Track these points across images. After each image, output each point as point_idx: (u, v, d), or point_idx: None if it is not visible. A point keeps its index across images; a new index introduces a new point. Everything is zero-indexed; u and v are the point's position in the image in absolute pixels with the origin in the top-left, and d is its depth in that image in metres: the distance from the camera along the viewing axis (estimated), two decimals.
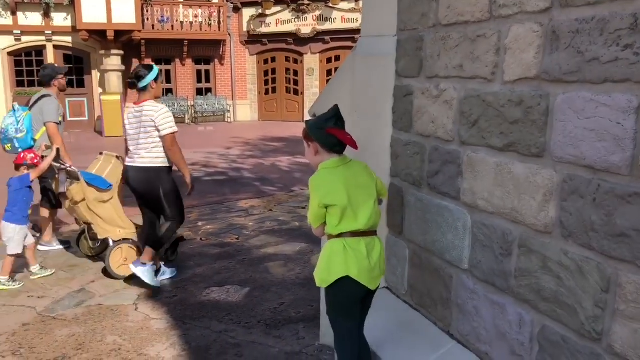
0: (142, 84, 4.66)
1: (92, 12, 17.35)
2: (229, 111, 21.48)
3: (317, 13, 20.41)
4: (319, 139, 2.66)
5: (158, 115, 4.60)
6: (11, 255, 4.88)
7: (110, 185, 5.11)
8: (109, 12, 17.53)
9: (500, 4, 2.42)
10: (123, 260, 5.05)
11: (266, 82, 22.09)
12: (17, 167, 5.01)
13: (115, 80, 18.38)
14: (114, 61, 18.36)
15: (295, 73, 21.55)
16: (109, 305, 4.51)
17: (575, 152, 2.06)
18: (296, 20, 20.67)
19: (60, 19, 18.11)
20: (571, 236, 2.10)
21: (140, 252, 4.99)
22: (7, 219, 4.89)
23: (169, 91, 20.76)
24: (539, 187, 2.25)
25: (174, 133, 4.69)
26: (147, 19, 19.11)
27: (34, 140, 5.52)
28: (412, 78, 3.17)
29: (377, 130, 3.42)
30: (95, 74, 19.05)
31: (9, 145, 5.49)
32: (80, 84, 19.10)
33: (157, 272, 4.93)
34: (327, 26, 20.36)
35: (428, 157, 3.04)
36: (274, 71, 21.93)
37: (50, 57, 18.39)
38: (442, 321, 2.97)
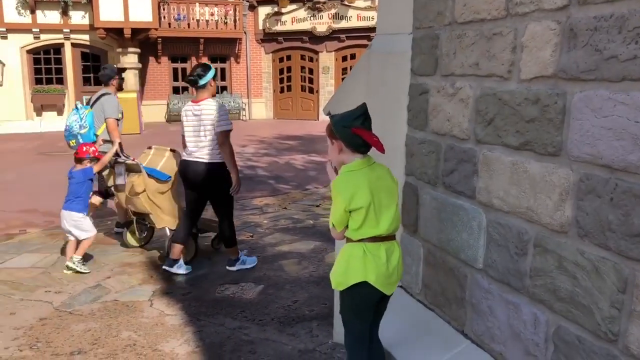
0: (202, 82, 4.84)
1: (110, 11, 17.51)
2: (244, 109, 21.55)
3: (333, 11, 20.39)
4: (343, 138, 2.56)
5: (217, 112, 4.84)
6: (93, 236, 5.27)
7: (169, 177, 5.37)
8: (126, 10, 17.68)
9: (516, 2, 2.40)
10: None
11: (281, 81, 22.12)
12: (80, 161, 5.26)
13: (131, 78, 18.54)
14: (130, 59, 18.52)
15: (311, 71, 21.55)
16: (124, 301, 4.55)
17: (592, 151, 2.04)
18: (312, 18, 20.67)
19: (78, 17, 18.31)
20: (587, 236, 2.08)
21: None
22: (71, 208, 5.16)
23: (185, 89, 20.87)
24: (555, 186, 2.23)
25: (228, 131, 4.86)
26: (164, 17, 19.24)
27: (96, 136, 5.89)
28: (427, 76, 3.16)
29: (392, 128, 3.41)
30: None
31: (73, 141, 5.87)
32: (98, 81, 19.22)
33: (236, 261, 5.21)
34: (343, 24, 20.33)
35: (443, 156, 3.03)
36: (289, 69, 21.96)
37: (68, 55, 18.61)
38: (456, 320, 2.96)
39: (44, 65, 18.55)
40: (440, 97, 3.03)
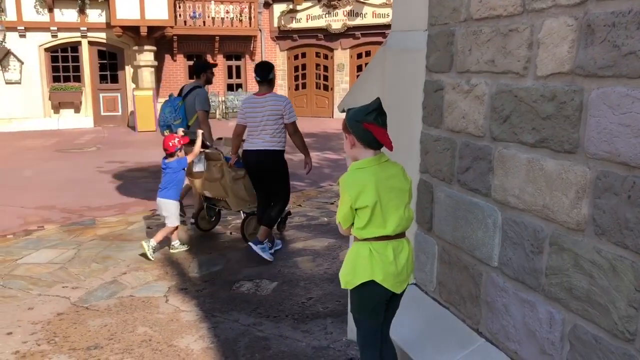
0: (269, 77, 5.38)
1: (126, 9, 17.62)
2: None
3: (348, 8, 20.33)
4: (355, 133, 2.54)
5: (285, 105, 5.32)
6: (174, 227, 5.68)
7: (242, 165, 5.68)
8: (142, 8, 17.78)
9: None
10: (253, 229, 5.86)
11: (296, 78, 22.12)
12: (171, 155, 5.64)
13: (147, 76, 18.65)
14: (146, 57, 18.63)
15: (326, 69, 21.53)
16: (140, 296, 4.59)
17: (609, 149, 2.01)
18: (327, 15, 20.64)
19: (95, 16, 18.45)
20: (604, 234, 2.05)
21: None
22: (166, 196, 5.61)
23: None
24: (571, 184, 2.20)
25: (295, 121, 5.41)
26: (179, 15, 19.32)
27: (188, 126, 6.22)
28: (442, 73, 3.14)
29: (407, 125, 3.40)
30: (129, 70, 19.36)
31: (167, 130, 6.31)
32: (114, 79, 19.44)
33: (260, 243, 5.44)
34: (358, 21, 20.27)
35: (458, 153, 3.01)
36: (304, 67, 21.95)
37: (85, 53, 18.77)
38: (471, 319, 2.95)
39: (62, 64, 18.72)
40: (456, 94, 3.01)
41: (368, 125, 2.50)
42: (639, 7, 1.87)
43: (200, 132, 5.87)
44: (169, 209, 5.60)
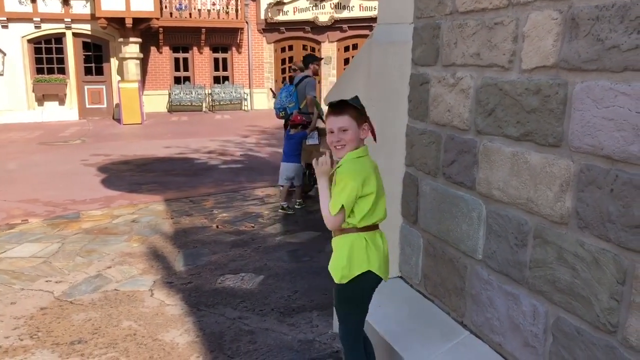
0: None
1: (111, 0, 17.43)
2: (245, 99, 21.49)
3: (335, 1, 20.30)
4: (369, 120, 2.65)
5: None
6: (299, 186, 7.14)
7: None
8: (127, 0, 17.60)
9: None
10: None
11: (283, 71, 22.04)
12: (295, 126, 7.08)
13: (133, 68, 18.49)
14: (132, 49, 18.46)
15: None
16: (124, 290, 4.56)
17: (593, 142, 2.02)
18: (314, 8, 20.59)
19: (80, 7, 18.23)
20: (587, 227, 2.07)
21: None
22: (293, 161, 6.98)
23: (186, 79, 20.83)
24: (555, 177, 2.21)
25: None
26: (165, 6, 19.16)
27: (299, 109, 7.57)
28: (428, 66, 3.14)
29: (393, 118, 3.39)
30: (114, 62, 19.18)
31: (282, 112, 7.72)
32: (99, 71, 19.24)
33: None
34: (345, 14, 20.25)
35: (443, 146, 3.01)
36: (291, 59, 21.83)
37: (69, 44, 18.55)
38: (456, 311, 2.96)
39: (45, 55, 18.49)
40: (441, 88, 3.01)
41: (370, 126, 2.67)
42: (623, 1, 1.87)
43: (316, 112, 7.20)
44: (296, 170, 6.96)
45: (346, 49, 20.96)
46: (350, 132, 2.55)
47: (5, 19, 17.52)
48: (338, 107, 2.58)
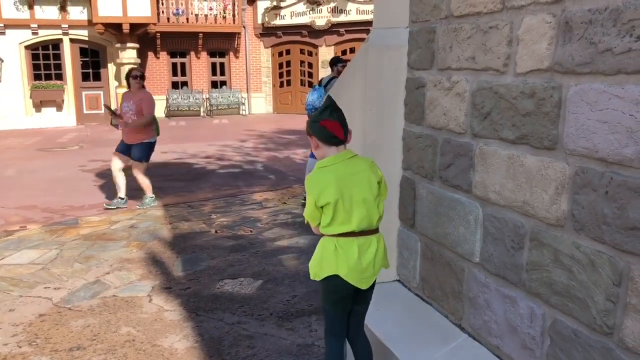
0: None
1: (108, 6, 17.46)
2: (243, 104, 21.51)
3: (332, 5, 20.34)
4: (314, 132, 2.63)
5: None
6: None
7: None
8: (124, 5, 17.63)
9: None
10: None
11: (281, 75, 22.09)
12: None
13: None
14: (129, 54, 18.47)
15: (310, 65, 21.52)
16: (123, 296, 4.56)
17: (587, 145, 2.03)
18: (311, 12, 20.63)
19: (77, 13, 18.26)
20: (583, 229, 2.07)
21: None
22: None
23: (184, 84, 20.84)
24: (550, 180, 2.22)
25: None
26: (162, 12, 19.19)
27: None
28: (424, 70, 3.15)
29: (389, 122, 3.40)
30: (111, 67, 19.19)
31: (313, 112, 8.02)
32: (97, 77, 19.26)
33: None
34: (342, 18, 20.29)
35: (440, 150, 3.02)
36: (288, 64, 21.92)
37: (66, 50, 18.56)
38: (454, 314, 2.96)
39: (43, 61, 18.50)
40: (437, 91, 3.03)
41: (323, 122, 2.59)
42: (615, 5, 1.89)
43: None
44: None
45: (343, 52, 20.97)
46: (311, 142, 2.68)
47: (2, 25, 17.54)
48: None
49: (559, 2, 2.14)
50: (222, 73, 21.55)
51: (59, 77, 18.64)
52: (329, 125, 2.57)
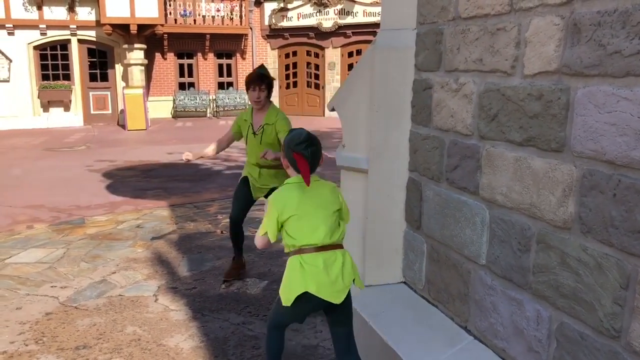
0: None
1: (116, 7, 17.54)
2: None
3: (339, 7, 20.35)
4: (287, 157, 2.75)
5: None
6: None
7: None
8: (132, 6, 17.71)
9: None
10: None
11: (287, 76, 22.12)
12: None
13: (138, 74, 18.57)
14: (136, 55, 18.55)
15: (317, 67, 21.54)
16: (129, 296, 4.57)
17: (595, 147, 2.03)
18: (318, 14, 20.65)
19: (85, 14, 18.35)
20: (590, 232, 2.07)
21: None
22: None
23: (190, 85, 20.90)
24: (558, 182, 2.22)
25: None
26: (170, 13, 19.27)
27: None
28: (431, 72, 3.15)
29: (396, 124, 3.40)
30: (119, 68, 19.27)
31: None
32: (104, 77, 19.34)
33: None
34: (349, 20, 20.30)
35: (447, 152, 3.02)
36: (295, 65, 21.95)
37: (74, 51, 18.65)
38: (460, 317, 2.96)
39: (51, 62, 18.60)
40: (444, 93, 3.02)
41: (296, 155, 2.68)
42: (624, 7, 1.88)
43: None
44: None
45: (350, 54, 20.99)
46: (282, 161, 2.82)
47: (11, 26, 17.65)
48: None
49: (567, 4, 2.14)
50: (229, 74, 21.61)
51: (67, 77, 18.74)
52: (299, 163, 2.66)
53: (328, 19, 20.52)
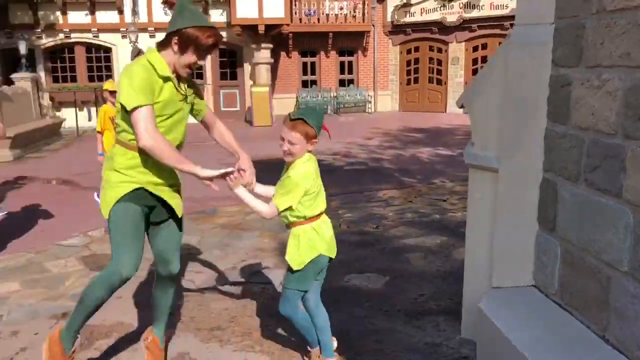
0: None
1: (245, 8, 18.41)
2: (369, 102, 21.66)
3: (464, 0, 19.83)
4: (318, 127, 3.16)
5: None
6: None
7: None
8: (260, 7, 18.48)
9: None
10: None
11: (408, 73, 21.95)
12: None
13: (264, 73, 19.36)
14: (263, 54, 19.34)
15: (439, 62, 21.16)
16: (258, 282, 4.82)
17: None
18: (441, 8, 20.27)
19: (217, 15, 19.43)
20: None
21: None
22: None
23: (313, 82, 21.41)
24: None
25: None
26: (295, 12, 19.85)
27: None
28: (570, 68, 3.01)
29: (531, 122, 3.29)
30: (247, 67, 20.20)
31: None
32: (233, 76, 20.39)
33: None
34: (475, 14, 19.71)
35: (586, 151, 2.87)
36: (416, 61, 21.72)
37: None
38: (596, 324, 2.81)
39: None
40: (584, 90, 2.88)
41: (325, 128, 3.24)
42: None
43: None
44: None
45: (475, 49, 20.38)
46: (298, 146, 3.07)
47: (153, 29, 19.11)
48: (292, 122, 3.07)
49: None
50: (350, 71, 21.86)
51: (199, 76, 19.96)
52: (324, 127, 3.21)
53: (452, 13, 20.07)
